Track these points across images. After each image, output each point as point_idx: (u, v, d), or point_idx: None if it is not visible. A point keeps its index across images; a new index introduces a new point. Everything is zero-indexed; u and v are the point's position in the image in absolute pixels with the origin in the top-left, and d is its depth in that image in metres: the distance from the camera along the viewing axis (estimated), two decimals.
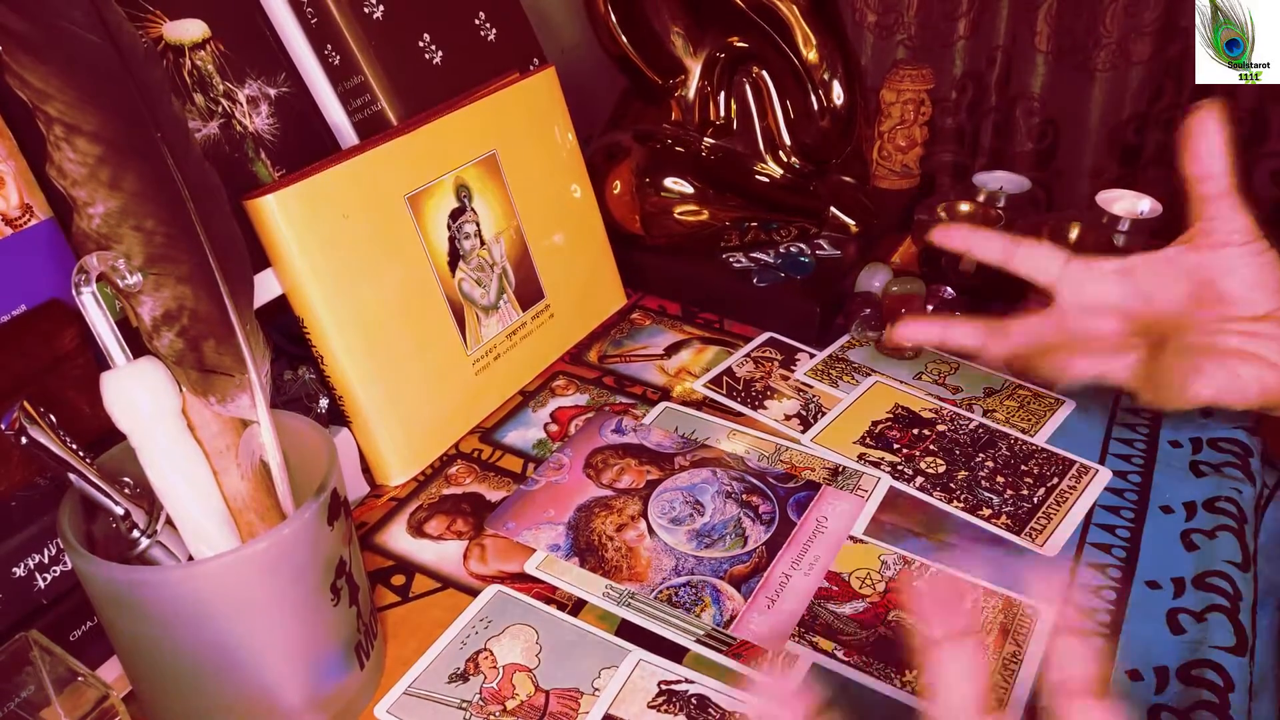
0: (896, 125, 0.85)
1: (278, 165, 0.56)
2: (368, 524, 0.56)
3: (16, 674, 0.39)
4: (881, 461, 0.59)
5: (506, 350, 0.65)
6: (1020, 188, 0.85)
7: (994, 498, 0.56)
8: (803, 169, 0.78)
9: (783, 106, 0.77)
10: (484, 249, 0.64)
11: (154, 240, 0.37)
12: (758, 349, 0.71)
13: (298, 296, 0.54)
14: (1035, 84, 1.04)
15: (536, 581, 0.51)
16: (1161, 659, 0.46)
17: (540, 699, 0.45)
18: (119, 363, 0.37)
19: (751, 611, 0.49)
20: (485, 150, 0.64)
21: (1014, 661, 0.46)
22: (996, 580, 0.51)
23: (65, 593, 0.43)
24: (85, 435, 0.39)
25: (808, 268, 0.74)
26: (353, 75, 0.62)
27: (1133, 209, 0.78)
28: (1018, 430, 0.62)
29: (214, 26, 0.54)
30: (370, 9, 0.63)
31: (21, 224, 0.43)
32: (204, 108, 0.53)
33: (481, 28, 0.71)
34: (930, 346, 0.58)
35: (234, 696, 0.40)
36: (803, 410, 0.64)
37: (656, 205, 0.74)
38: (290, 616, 0.39)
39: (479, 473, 0.59)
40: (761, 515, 0.55)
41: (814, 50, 0.74)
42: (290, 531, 0.38)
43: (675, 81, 0.76)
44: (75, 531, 0.37)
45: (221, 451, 0.40)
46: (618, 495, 0.57)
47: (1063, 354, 0.52)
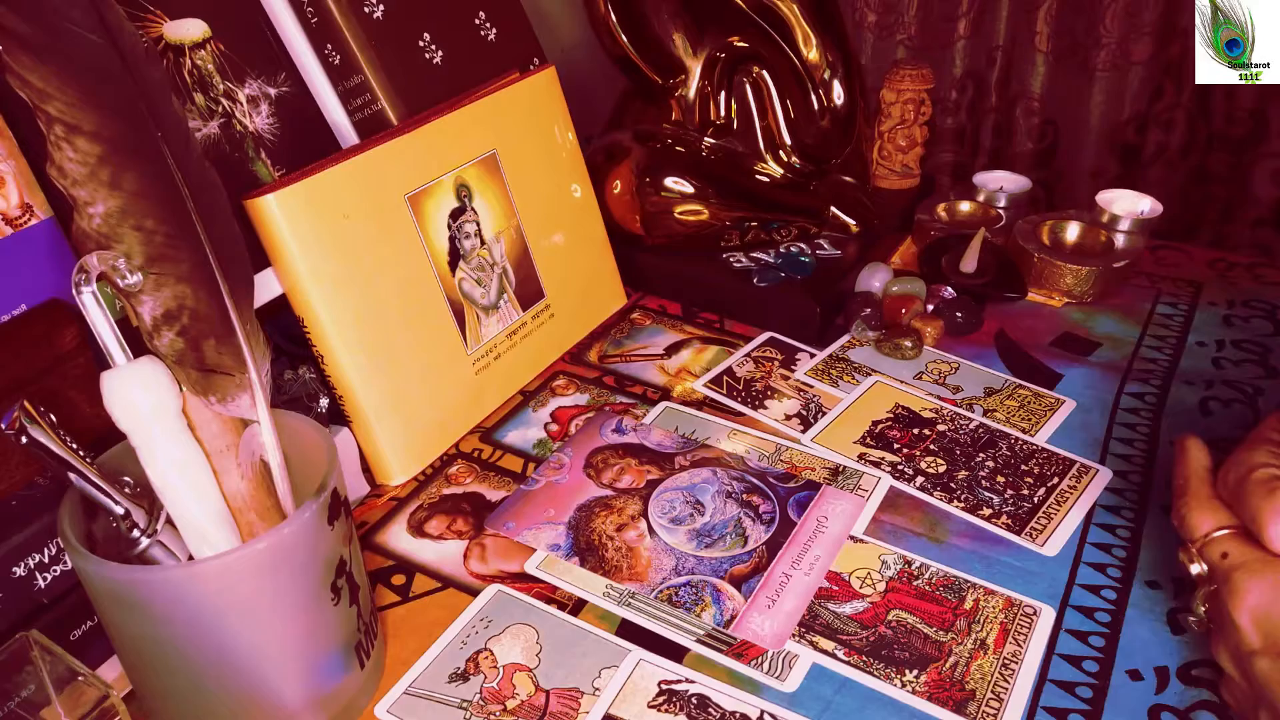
0: (896, 125, 0.85)
1: (278, 165, 0.56)
2: (368, 524, 0.56)
3: (16, 674, 0.39)
4: (882, 461, 0.59)
5: (507, 350, 0.65)
6: (1020, 188, 0.85)
7: (994, 498, 0.56)
8: (803, 169, 0.78)
9: (783, 106, 0.77)
10: (484, 249, 0.64)
11: (154, 240, 0.37)
12: (758, 349, 0.71)
13: (298, 296, 0.54)
14: (1035, 84, 1.05)
15: (537, 581, 0.51)
16: (1161, 659, 0.46)
17: (540, 699, 0.45)
18: (119, 362, 0.37)
19: (752, 611, 0.49)
20: (485, 150, 0.64)
21: (1014, 661, 0.46)
22: (996, 580, 0.51)
23: (65, 593, 0.43)
24: (85, 435, 0.39)
25: (808, 268, 0.74)
26: (353, 75, 0.62)
27: (1133, 209, 0.78)
28: (1018, 430, 0.62)
29: (214, 26, 0.54)
30: (370, 9, 0.63)
31: (21, 224, 0.43)
32: (204, 107, 0.53)
33: (481, 27, 0.71)
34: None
35: (234, 696, 0.40)
36: (803, 410, 0.64)
37: (656, 205, 0.74)
38: (290, 616, 0.39)
39: (479, 472, 0.59)
40: (762, 515, 0.55)
41: (814, 50, 0.74)
42: (290, 531, 0.38)
43: (675, 81, 0.76)
44: (75, 531, 0.37)
45: (221, 451, 0.40)
46: (618, 495, 0.57)
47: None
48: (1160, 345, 0.69)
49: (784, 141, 0.78)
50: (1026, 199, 0.85)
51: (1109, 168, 1.05)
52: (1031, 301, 0.76)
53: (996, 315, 0.73)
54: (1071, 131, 1.06)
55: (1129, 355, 0.69)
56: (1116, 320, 0.73)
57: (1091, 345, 0.70)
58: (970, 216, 0.84)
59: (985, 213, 0.83)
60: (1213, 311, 0.74)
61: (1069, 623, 0.48)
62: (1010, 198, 0.84)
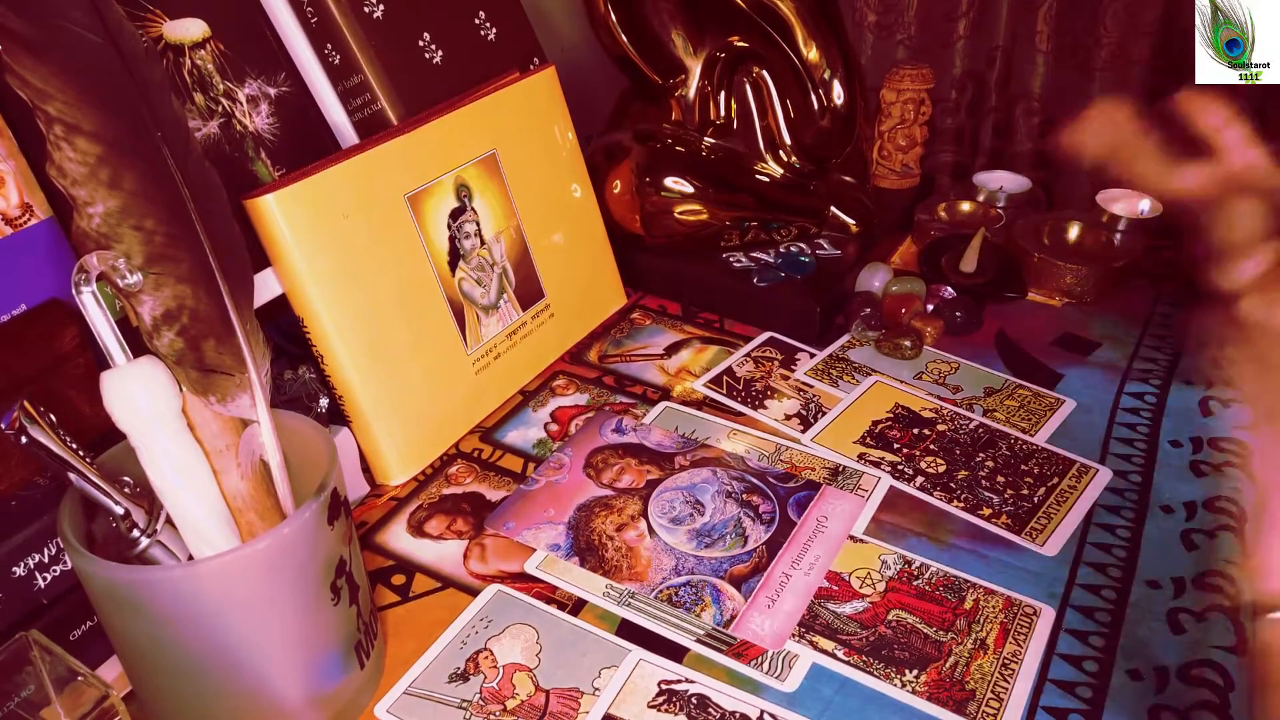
0: (896, 125, 0.85)
1: (278, 165, 0.56)
2: (368, 524, 0.56)
3: (16, 674, 0.39)
4: (881, 461, 0.59)
5: (506, 350, 0.65)
6: (1020, 188, 0.85)
7: (994, 497, 0.56)
8: (803, 168, 0.78)
9: (783, 106, 0.77)
10: (484, 248, 0.64)
11: (154, 240, 0.37)
12: (758, 349, 0.71)
13: (298, 296, 0.54)
14: (1035, 84, 1.04)
15: (536, 581, 0.51)
16: (1161, 659, 0.46)
17: (540, 699, 0.45)
18: (119, 362, 0.37)
19: (751, 611, 0.49)
20: (485, 150, 0.64)
21: (1014, 661, 0.46)
22: (996, 580, 0.51)
23: (65, 593, 0.43)
24: (85, 435, 0.39)
25: (808, 267, 0.74)
26: (353, 75, 0.62)
27: (1133, 209, 0.78)
28: (1018, 430, 0.62)
29: (214, 26, 0.54)
30: (370, 8, 0.63)
31: (21, 224, 0.43)
32: (204, 107, 0.53)
33: (481, 27, 0.71)
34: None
35: (234, 696, 0.40)
36: (803, 410, 0.64)
37: (656, 205, 0.74)
38: (290, 616, 0.39)
39: (479, 472, 0.59)
40: (762, 515, 0.55)
41: (814, 50, 0.74)
42: (290, 531, 0.38)
43: (675, 81, 0.76)
44: (75, 531, 0.37)
45: (221, 451, 0.40)
46: (618, 495, 0.57)
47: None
48: (1160, 345, 0.69)
49: (784, 141, 0.78)
50: (1026, 199, 0.85)
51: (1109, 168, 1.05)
52: (1031, 301, 0.76)
53: (996, 315, 0.73)
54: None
55: (1129, 355, 0.69)
56: (1116, 320, 0.72)
57: (1091, 345, 0.70)
58: (970, 216, 0.84)
59: (985, 213, 0.83)
60: None
61: (1069, 623, 0.48)
62: (1010, 198, 0.84)
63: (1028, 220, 0.80)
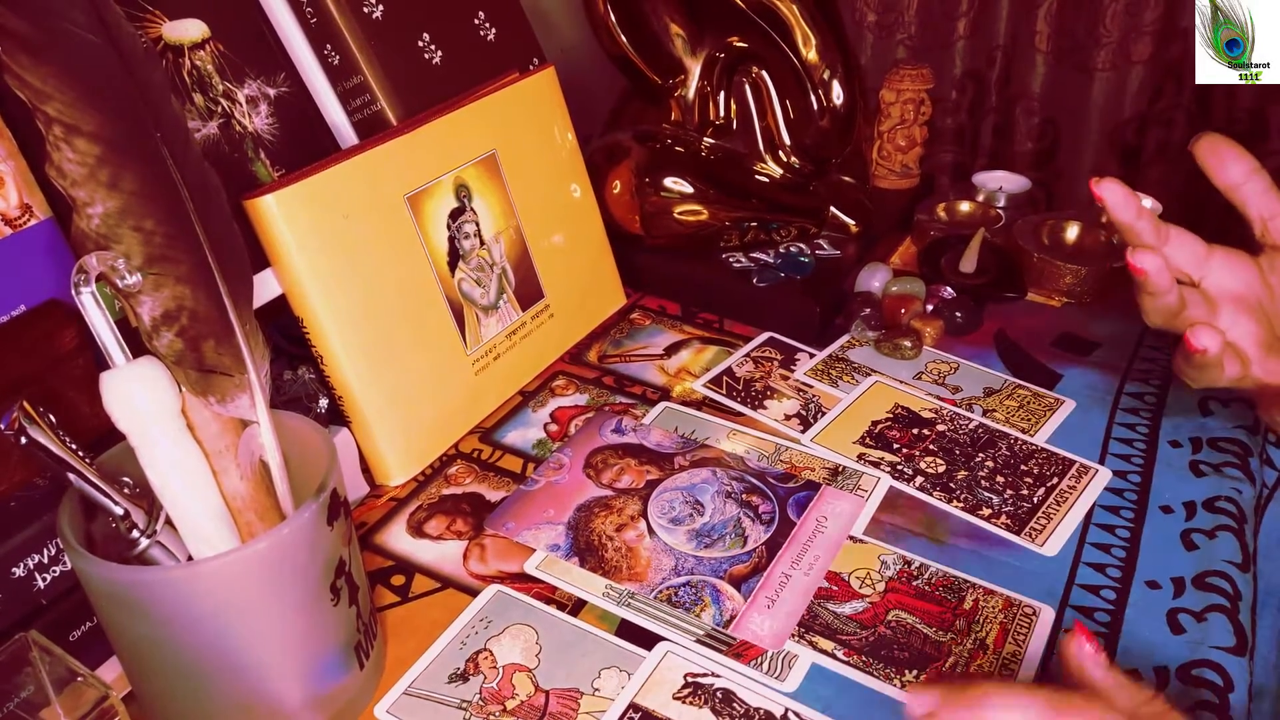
0: (896, 125, 0.85)
1: (277, 165, 0.56)
2: (368, 524, 0.56)
3: (16, 674, 0.39)
4: (881, 461, 0.59)
5: (506, 350, 0.65)
6: (1020, 188, 0.85)
7: (994, 498, 0.56)
8: (803, 169, 0.78)
9: (782, 106, 0.77)
10: (484, 249, 0.64)
11: (153, 240, 0.37)
12: (758, 349, 0.71)
13: (298, 296, 0.54)
14: (1035, 84, 1.04)
15: (536, 581, 0.51)
16: (1161, 659, 0.46)
17: (540, 699, 0.45)
18: (119, 363, 0.37)
19: (751, 611, 0.49)
20: (485, 150, 0.64)
21: (1014, 661, 0.46)
22: (996, 580, 0.51)
23: (65, 593, 0.43)
24: (85, 435, 0.39)
25: (808, 268, 0.74)
26: (352, 75, 0.62)
27: None
28: (1018, 430, 0.62)
29: (214, 26, 0.54)
30: (370, 9, 0.63)
31: (21, 224, 0.43)
32: (204, 108, 0.53)
33: (481, 27, 0.71)
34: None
35: (233, 696, 0.40)
36: (803, 410, 0.64)
37: (656, 205, 0.74)
38: (290, 616, 0.39)
39: (479, 473, 0.59)
40: (761, 515, 0.55)
41: (814, 50, 0.74)
42: (290, 531, 0.38)
43: (675, 81, 0.76)
44: (75, 531, 0.37)
45: (221, 451, 0.40)
46: (617, 495, 0.57)
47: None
48: (1160, 345, 0.69)
49: (783, 141, 0.78)
50: (1026, 199, 0.85)
51: (1109, 168, 1.05)
52: (1031, 301, 0.76)
53: (996, 315, 0.73)
54: (1071, 131, 1.06)
55: (1129, 355, 0.69)
56: (1116, 320, 0.72)
57: (1091, 345, 0.70)
58: (970, 216, 0.84)
59: (985, 213, 0.83)
60: None
61: (1069, 623, 0.48)
62: (1010, 198, 0.84)
63: (1027, 220, 0.80)
